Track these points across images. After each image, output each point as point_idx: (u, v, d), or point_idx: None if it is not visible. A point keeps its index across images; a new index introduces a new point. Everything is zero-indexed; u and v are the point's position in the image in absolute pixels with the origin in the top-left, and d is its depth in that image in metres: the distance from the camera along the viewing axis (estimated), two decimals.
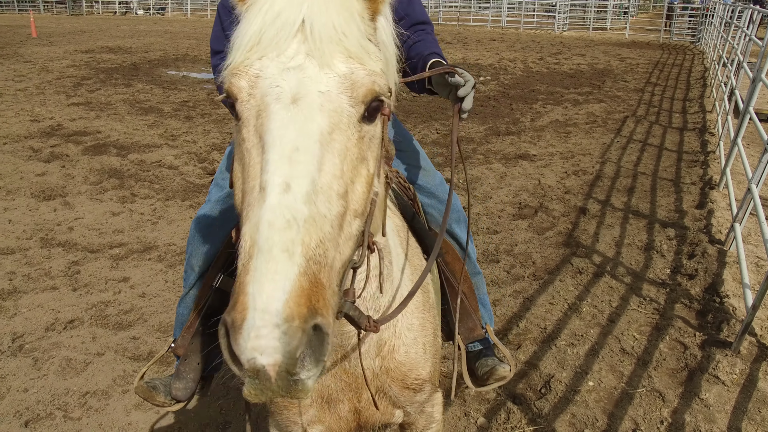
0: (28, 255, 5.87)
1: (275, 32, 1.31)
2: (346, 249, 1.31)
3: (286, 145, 1.21)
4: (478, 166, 8.68)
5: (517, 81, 16.13)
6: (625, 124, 11.48)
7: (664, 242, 6.02)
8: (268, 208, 1.14)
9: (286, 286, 1.08)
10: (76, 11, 44.89)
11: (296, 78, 1.28)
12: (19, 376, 4.15)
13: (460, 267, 2.49)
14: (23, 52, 21.37)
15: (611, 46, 25.84)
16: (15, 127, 10.77)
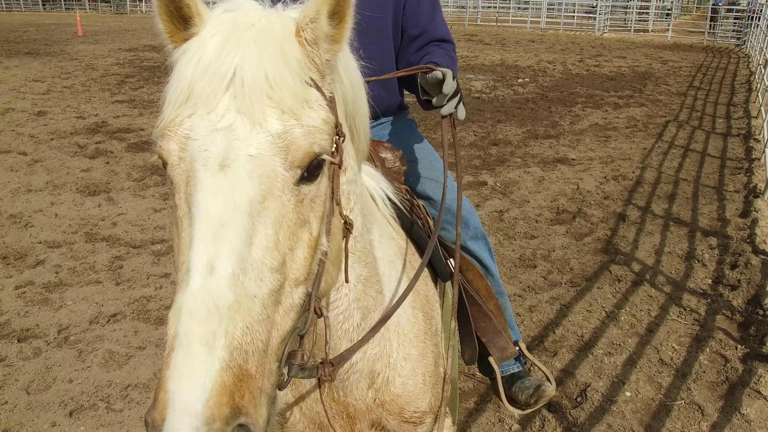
0: (73, 249, 6.03)
1: (205, 85, 1.21)
2: (286, 322, 1.22)
3: (212, 220, 1.13)
4: (515, 170, 8.63)
5: (556, 83, 15.98)
6: (666, 128, 11.29)
7: (705, 251, 5.91)
8: (190, 295, 1.07)
9: (206, 384, 1.01)
10: (120, 10, 45.83)
11: (225, 140, 1.18)
12: (65, 366, 4.27)
13: (484, 284, 2.45)
14: (70, 49, 21.93)
15: (653, 48, 25.40)
16: (62, 123, 11.07)
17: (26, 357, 4.35)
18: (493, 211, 7.10)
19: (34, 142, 9.81)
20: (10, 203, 7.19)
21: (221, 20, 1.28)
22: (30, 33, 28.95)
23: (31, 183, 7.86)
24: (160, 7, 1.30)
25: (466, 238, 2.49)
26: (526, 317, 4.82)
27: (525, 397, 2.64)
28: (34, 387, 4.05)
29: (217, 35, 1.25)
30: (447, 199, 2.45)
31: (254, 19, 1.27)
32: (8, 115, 11.69)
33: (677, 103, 13.65)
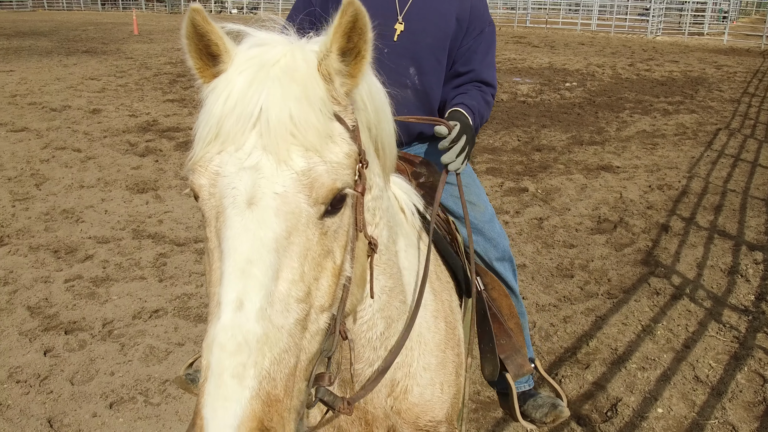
0: (120, 245, 6.24)
1: (233, 124, 1.26)
2: (312, 346, 1.29)
3: (240, 257, 1.18)
4: (557, 177, 8.55)
5: (604, 88, 15.72)
6: (717, 137, 11.00)
7: (750, 266, 5.76)
8: (221, 329, 1.13)
9: (237, 412, 1.09)
10: (175, 9, 46.91)
11: (252, 179, 1.23)
12: (107, 359, 4.44)
13: (507, 303, 2.48)
14: (125, 48, 22.59)
15: (707, 52, 24.72)
16: (115, 121, 11.43)
17: (72, 349, 4.54)
18: (533, 218, 7.05)
19: (88, 139, 10.17)
20: (63, 198, 7.48)
21: (248, 57, 1.33)
22: (89, 32, 29.93)
23: (84, 179, 8.15)
24: (189, 45, 1.35)
25: (493, 259, 2.55)
26: (560, 328, 4.79)
27: (540, 415, 2.68)
28: (78, 378, 4.22)
29: (244, 73, 1.29)
30: (479, 221, 2.49)
31: (279, 56, 1.31)
32: (65, 112, 12.13)
33: (730, 110, 13.28)
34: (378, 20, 2.38)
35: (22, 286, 5.39)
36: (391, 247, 1.75)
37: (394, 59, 2.36)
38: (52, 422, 3.80)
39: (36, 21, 37.40)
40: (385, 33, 2.36)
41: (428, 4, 2.37)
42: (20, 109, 12.33)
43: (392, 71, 2.39)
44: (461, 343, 2.18)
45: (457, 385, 2.11)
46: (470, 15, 2.40)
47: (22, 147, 9.67)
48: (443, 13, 2.37)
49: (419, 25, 2.36)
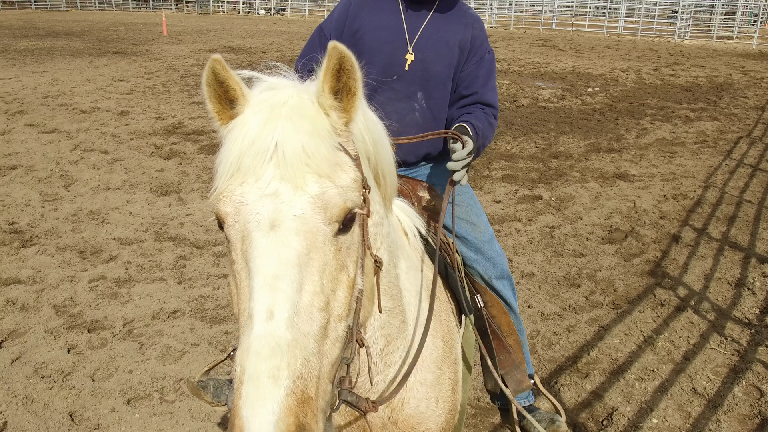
0: (143, 247, 6.49)
1: (252, 159, 1.41)
2: (334, 351, 1.42)
3: (268, 274, 1.33)
4: (573, 184, 8.63)
5: (627, 93, 15.68)
6: (737, 145, 10.96)
7: (758, 279, 5.81)
8: (255, 338, 1.27)
9: (275, 409, 1.21)
10: (204, 10, 47.52)
11: (273, 204, 1.38)
12: (126, 357, 4.66)
13: (506, 321, 2.61)
14: (154, 49, 23.03)
15: (735, 56, 24.42)
16: (142, 123, 11.75)
17: (93, 347, 4.77)
18: (545, 226, 7.15)
19: (116, 141, 10.49)
20: (90, 200, 7.76)
21: (260, 100, 1.50)
22: (119, 32, 30.53)
23: (110, 181, 8.44)
24: (209, 91, 1.52)
25: (492, 277, 2.66)
26: (562, 337, 4.91)
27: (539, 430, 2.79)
28: (99, 375, 4.45)
29: (258, 114, 1.46)
30: (479, 241, 2.63)
31: (287, 97, 1.49)
32: (94, 114, 12.49)
33: (753, 118, 13.18)
34: (391, 52, 2.56)
35: (49, 285, 5.65)
36: (391, 270, 1.90)
37: (405, 86, 2.55)
38: (73, 416, 4.03)
39: (69, 21, 38.22)
40: (397, 63, 2.54)
41: (435, 35, 2.55)
42: (51, 111, 12.72)
43: (403, 96, 2.57)
44: (458, 362, 2.30)
45: (453, 402, 2.23)
46: (471, 44, 2.58)
47: (53, 148, 10.02)
48: (448, 42, 2.55)
49: (427, 55, 2.54)
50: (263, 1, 48.01)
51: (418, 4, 2.59)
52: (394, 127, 2.47)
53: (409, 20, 2.57)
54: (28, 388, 4.27)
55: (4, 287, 5.61)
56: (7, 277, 5.80)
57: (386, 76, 2.55)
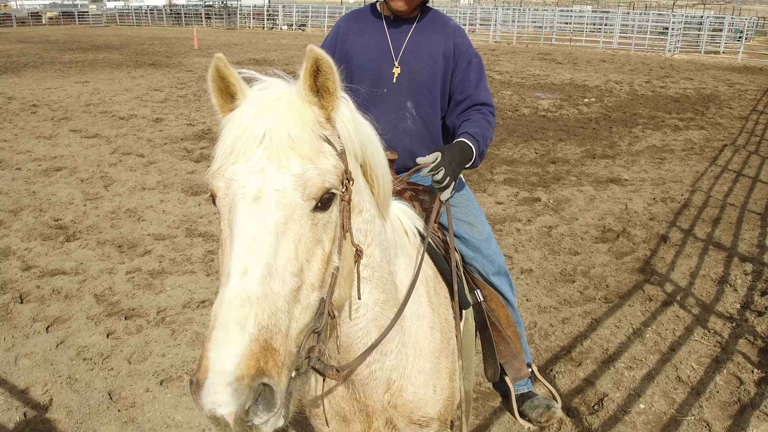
0: (175, 242, 6.55)
1: (244, 143, 1.48)
2: (304, 317, 1.44)
3: (246, 237, 1.38)
4: (569, 188, 8.60)
5: (620, 104, 15.59)
6: (722, 152, 10.87)
7: (739, 277, 5.77)
8: (229, 290, 1.32)
9: (238, 351, 1.23)
10: (231, 25, 47.69)
11: (258, 180, 1.44)
12: (160, 343, 4.71)
13: (505, 314, 2.62)
14: (186, 62, 23.16)
15: (722, 70, 24.17)
16: (174, 129, 11.84)
17: (130, 332, 4.83)
18: (543, 226, 7.14)
19: (151, 145, 10.57)
20: (127, 199, 7.84)
21: (256, 96, 1.57)
22: (154, 46, 30.72)
23: (146, 182, 8.52)
24: (213, 86, 1.61)
25: (490, 273, 2.65)
26: (558, 328, 4.91)
27: (536, 415, 2.80)
28: (135, 358, 4.50)
29: (253, 106, 1.53)
30: (477, 240, 2.64)
31: (280, 94, 1.56)
32: (132, 120, 12.60)
33: (737, 127, 13.07)
34: (379, 68, 2.58)
35: (90, 276, 5.72)
36: (384, 266, 1.90)
37: (395, 97, 2.57)
38: (111, 395, 4.09)
39: (109, 35, 38.51)
40: (385, 76, 2.56)
41: (418, 47, 2.57)
42: (93, 117, 12.85)
43: (394, 107, 2.59)
44: (456, 353, 2.29)
45: (451, 389, 2.23)
46: (454, 51, 2.59)
47: (94, 152, 10.12)
48: (431, 53, 2.57)
49: (413, 66, 2.56)
50: (286, 18, 48.13)
51: (399, 22, 2.62)
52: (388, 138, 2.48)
53: (393, 37, 2.60)
54: (71, 369, 4.34)
55: (50, 278, 5.69)
56: (52, 268, 5.88)
57: (376, 89, 2.58)
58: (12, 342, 4.66)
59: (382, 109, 2.58)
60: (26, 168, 9.17)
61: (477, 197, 7.99)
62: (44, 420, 3.84)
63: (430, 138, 2.67)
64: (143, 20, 54.22)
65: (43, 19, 54.55)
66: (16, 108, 13.91)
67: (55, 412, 3.91)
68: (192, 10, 53.44)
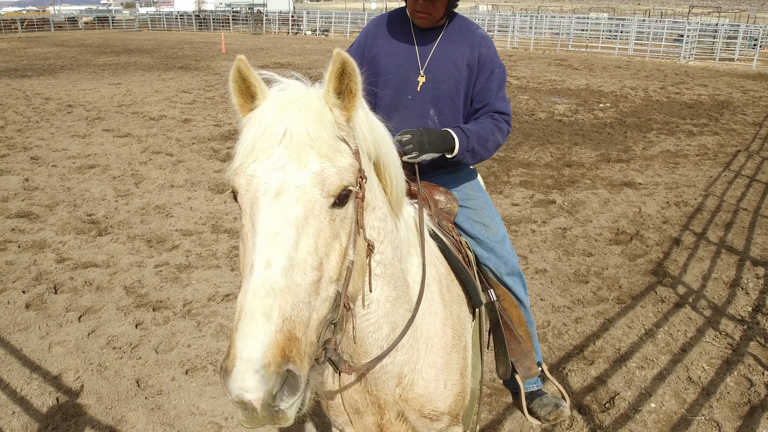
0: (201, 237, 6.61)
1: (264, 141, 1.49)
2: (323, 308, 1.46)
3: (269, 231, 1.39)
4: (584, 191, 8.52)
5: (635, 109, 15.39)
6: (736, 158, 10.69)
7: (751, 280, 5.68)
8: (253, 281, 1.33)
9: (264, 341, 1.26)
10: (257, 30, 47.96)
11: (279, 176, 1.46)
12: (186, 334, 4.76)
13: (517, 313, 2.60)
14: (214, 65, 23.35)
15: (736, 77, 23.76)
16: (202, 130, 11.94)
17: (158, 323, 4.88)
18: (558, 228, 7.08)
19: (180, 145, 10.68)
20: (157, 196, 7.93)
21: (276, 96, 1.58)
22: (184, 50, 31.02)
23: (174, 180, 8.61)
24: (234, 87, 1.62)
25: (503, 274, 2.63)
26: (571, 327, 4.86)
27: (544, 413, 2.77)
28: (162, 348, 4.55)
29: (273, 106, 1.54)
30: (492, 241, 2.61)
31: (299, 95, 1.57)
32: (162, 121, 12.73)
33: (751, 133, 12.83)
34: (404, 75, 2.57)
35: (121, 269, 5.80)
36: (396, 264, 1.90)
37: (418, 104, 2.54)
38: (139, 383, 4.14)
39: (141, 40, 38.98)
40: (410, 84, 2.54)
41: (444, 56, 2.53)
42: (125, 118, 13.01)
43: (417, 113, 2.56)
44: (468, 349, 2.28)
45: (462, 385, 2.22)
46: (479, 61, 2.53)
47: (125, 150, 10.25)
48: (456, 62, 2.52)
49: (437, 75, 2.52)
50: (310, 23, 48.31)
51: (428, 30, 2.57)
52: None
53: (420, 45, 2.56)
54: (101, 357, 4.40)
55: (83, 270, 5.77)
56: (85, 261, 5.97)
57: (400, 95, 2.56)
58: (46, 330, 4.74)
59: (405, 115, 2.56)
60: (62, 165, 9.32)
61: (493, 198, 7.96)
62: (75, 405, 3.90)
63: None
64: (173, 25, 54.78)
65: (80, 24, 55.41)
66: (53, 108, 14.15)
67: (85, 398, 3.97)
68: (220, 16, 53.86)
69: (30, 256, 6.06)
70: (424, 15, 2.47)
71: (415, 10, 2.48)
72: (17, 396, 3.96)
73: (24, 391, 4.01)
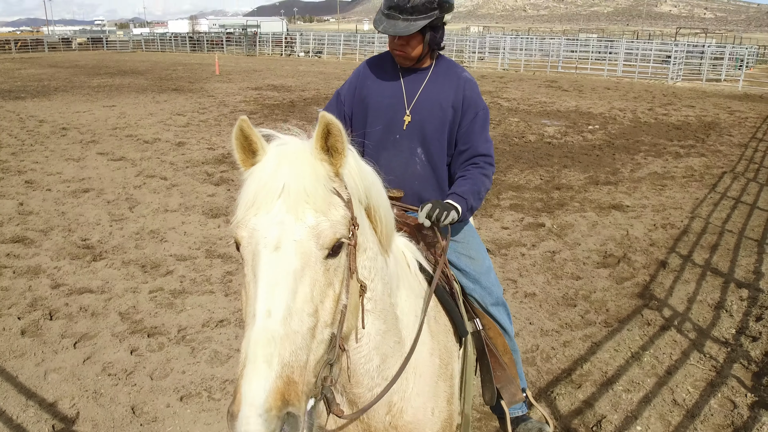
0: (195, 263, 6.68)
1: (264, 195, 1.60)
2: (319, 351, 1.57)
3: (269, 282, 1.51)
4: (572, 214, 8.67)
5: (623, 131, 15.66)
6: (721, 179, 10.90)
7: (735, 302, 5.81)
8: (256, 331, 1.45)
9: (266, 387, 1.38)
10: (251, 52, 48.35)
11: (278, 231, 1.57)
12: (180, 360, 4.81)
13: (502, 341, 2.71)
14: (208, 87, 23.53)
15: (723, 98, 24.20)
16: (196, 153, 12.05)
17: (152, 349, 4.94)
18: (547, 251, 7.21)
19: (174, 169, 10.78)
20: (151, 220, 8.01)
21: (275, 152, 1.70)
22: (178, 71, 31.24)
23: (168, 204, 8.69)
24: (237, 145, 1.74)
25: (488, 304, 2.75)
26: (559, 351, 4.96)
27: None
28: (156, 374, 4.60)
29: (272, 163, 1.67)
30: (477, 272, 2.73)
31: (294, 150, 1.69)
32: (156, 144, 12.84)
33: (737, 155, 13.09)
34: (392, 114, 2.71)
35: (115, 295, 5.86)
36: (386, 299, 2.02)
37: (406, 142, 2.67)
38: (134, 409, 4.19)
39: (135, 61, 39.23)
40: (397, 123, 2.68)
41: (429, 97, 2.66)
42: (119, 141, 13.12)
43: (404, 151, 2.70)
44: (454, 377, 2.39)
45: (449, 412, 2.32)
46: (463, 103, 2.67)
47: (120, 174, 10.34)
48: (441, 104, 2.65)
49: (423, 116, 2.65)
50: (303, 45, 48.77)
51: (414, 71, 2.71)
52: (398, 180, 2.61)
53: (407, 86, 2.69)
54: (96, 384, 4.45)
55: (77, 296, 5.83)
56: (80, 286, 6.03)
57: (389, 133, 2.68)
58: (42, 357, 4.79)
59: (393, 152, 2.68)
60: (56, 189, 9.39)
61: (484, 222, 8.10)
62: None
63: (436, 181, 2.76)
64: (167, 46, 55.11)
65: (74, 45, 55.67)
66: (47, 131, 14.24)
67: (81, 425, 4.01)
68: (213, 37, 54.26)
69: (25, 282, 6.11)
70: (399, 53, 2.62)
71: (393, 49, 2.64)
72: (14, 424, 4.00)
73: (20, 419, 4.06)
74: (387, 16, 2.54)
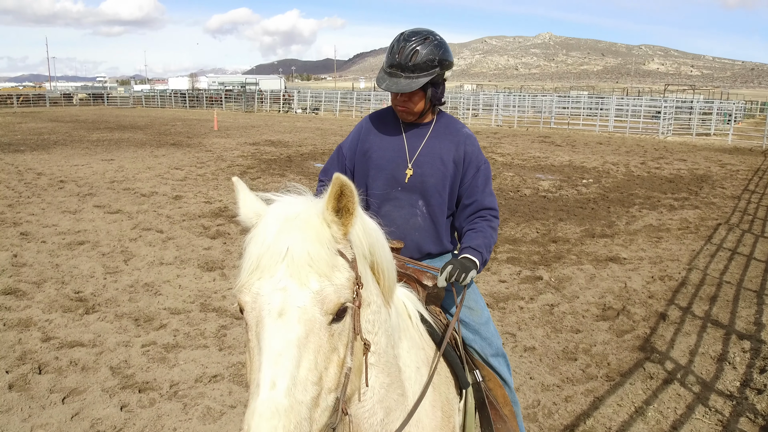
0: (189, 316, 6.58)
1: (268, 259, 1.57)
2: (322, 418, 1.55)
3: (273, 351, 1.49)
4: (569, 266, 8.64)
5: (617, 184, 15.83)
6: (717, 231, 10.95)
7: (737, 354, 5.72)
8: (260, 402, 1.43)
9: None
10: (249, 108, 49.23)
11: (282, 296, 1.54)
12: (172, 417, 4.66)
13: (502, 393, 2.66)
14: (206, 142, 23.83)
15: (713, 151, 24.62)
16: (193, 207, 12.07)
17: (143, 405, 4.80)
18: (545, 304, 7.14)
19: (170, 222, 10.77)
20: (146, 273, 7.94)
21: (276, 214, 1.67)
22: (177, 126, 31.70)
23: (164, 257, 8.64)
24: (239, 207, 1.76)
25: (488, 355, 2.72)
26: (561, 407, 4.84)
27: None
28: (147, 431, 4.46)
29: (274, 224, 1.64)
30: (476, 323, 2.71)
31: (298, 212, 1.66)
32: (153, 197, 12.88)
33: (730, 206, 13.20)
34: (394, 168, 2.74)
35: (107, 349, 5.74)
36: (389, 351, 1.99)
37: (407, 195, 2.69)
38: None
39: (135, 116, 39.85)
40: (399, 176, 2.71)
41: (431, 152, 2.70)
42: (116, 194, 13.16)
43: (405, 203, 2.71)
44: (455, 429, 2.34)
45: None
46: (464, 158, 2.71)
47: (116, 227, 10.32)
48: (443, 159, 2.69)
49: (424, 170, 2.69)
50: (300, 102, 49.72)
51: (415, 126, 2.75)
52: (400, 231, 2.62)
53: (409, 141, 2.73)
54: None
55: (68, 349, 5.70)
56: (71, 340, 5.91)
57: (390, 187, 2.71)
58: (29, 413, 4.64)
59: (395, 204, 2.70)
60: (51, 241, 9.34)
61: (481, 275, 8.06)
62: None
63: (437, 234, 2.76)
64: (167, 102, 56.09)
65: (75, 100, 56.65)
66: (45, 183, 14.30)
67: None
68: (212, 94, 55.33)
69: (15, 335, 5.99)
70: (402, 108, 2.67)
71: (396, 105, 2.69)
72: None
73: None
74: (389, 74, 2.60)
